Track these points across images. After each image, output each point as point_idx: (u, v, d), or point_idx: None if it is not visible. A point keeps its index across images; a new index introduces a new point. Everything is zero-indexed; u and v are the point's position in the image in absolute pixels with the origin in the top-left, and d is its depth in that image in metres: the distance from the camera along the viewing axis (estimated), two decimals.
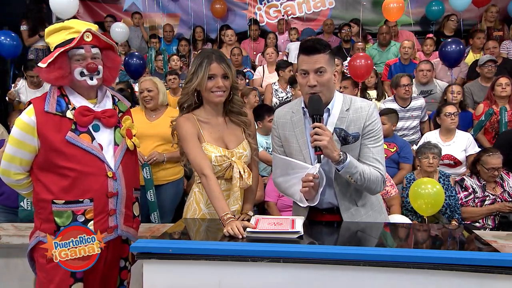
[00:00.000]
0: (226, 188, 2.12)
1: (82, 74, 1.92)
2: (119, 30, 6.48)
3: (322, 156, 1.88)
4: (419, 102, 4.74)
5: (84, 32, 1.89)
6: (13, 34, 5.54)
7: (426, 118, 4.87)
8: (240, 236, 1.73)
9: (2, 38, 5.39)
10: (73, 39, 1.89)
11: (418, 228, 2.27)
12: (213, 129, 2.13)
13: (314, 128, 1.86)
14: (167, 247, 1.61)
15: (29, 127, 1.88)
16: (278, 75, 5.58)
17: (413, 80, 5.27)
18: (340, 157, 1.86)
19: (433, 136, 4.20)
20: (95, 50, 1.95)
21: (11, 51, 5.49)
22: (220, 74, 2.07)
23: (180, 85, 5.40)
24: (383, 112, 4.04)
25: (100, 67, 1.97)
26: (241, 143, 2.16)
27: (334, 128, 1.96)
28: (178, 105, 2.20)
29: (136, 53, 5.80)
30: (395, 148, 4.04)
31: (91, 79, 1.94)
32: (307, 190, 1.92)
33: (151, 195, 3.45)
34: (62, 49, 1.87)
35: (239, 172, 2.08)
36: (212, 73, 2.05)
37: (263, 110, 4.11)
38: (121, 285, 2.10)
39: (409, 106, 4.68)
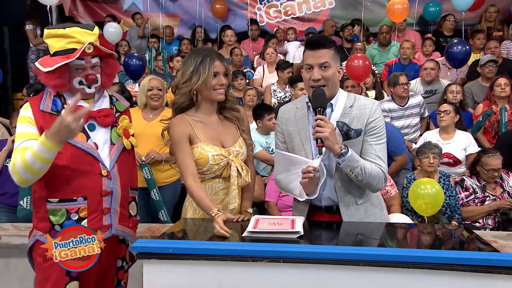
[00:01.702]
0: (224, 187, 2.13)
1: (81, 83, 1.94)
2: (112, 30, 6.47)
3: (323, 148, 1.88)
4: (417, 99, 4.76)
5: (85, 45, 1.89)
6: None
7: (426, 114, 4.90)
8: (227, 235, 1.76)
9: None
10: (73, 49, 1.88)
11: (418, 228, 2.27)
12: (208, 128, 2.13)
13: (316, 120, 1.87)
14: (167, 247, 1.61)
15: (29, 118, 1.90)
16: (278, 75, 5.59)
17: (418, 79, 5.32)
18: (342, 150, 1.87)
19: (432, 135, 4.22)
20: (95, 60, 1.95)
21: None
22: (222, 72, 2.08)
23: None
24: None
25: (99, 76, 1.98)
26: (237, 141, 2.16)
27: (337, 121, 1.97)
28: (173, 105, 2.17)
29: (135, 54, 5.80)
30: None
31: (89, 87, 1.95)
32: (306, 182, 1.92)
33: (155, 194, 3.44)
34: (63, 62, 1.86)
35: (237, 170, 2.08)
36: (216, 70, 2.06)
37: (263, 109, 4.11)
38: (118, 285, 2.10)
39: (407, 104, 4.71)
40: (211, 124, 2.14)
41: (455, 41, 5.20)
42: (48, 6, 5.84)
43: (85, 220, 1.91)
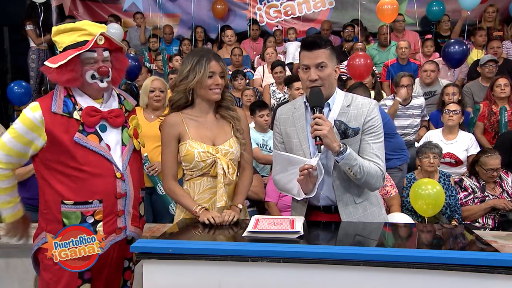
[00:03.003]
0: (212, 186, 2.13)
1: (93, 76, 1.91)
2: (114, 31, 6.45)
3: (322, 146, 1.89)
4: (419, 101, 4.77)
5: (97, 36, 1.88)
6: (23, 83, 5.71)
7: (427, 118, 4.90)
8: (218, 224, 1.94)
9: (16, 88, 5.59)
10: (85, 41, 1.87)
11: (418, 228, 2.27)
12: (201, 126, 2.15)
13: (314, 118, 1.87)
14: (167, 247, 1.61)
15: (32, 123, 1.86)
16: (272, 76, 5.58)
17: (417, 80, 5.31)
18: (340, 148, 1.88)
19: (436, 134, 4.23)
20: (106, 53, 1.94)
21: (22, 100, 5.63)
22: (219, 72, 2.11)
23: None
24: None
25: (110, 70, 1.96)
26: (228, 140, 2.16)
27: (334, 120, 1.98)
28: (170, 103, 2.21)
29: (132, 54, 5.80)
30: None
31: (102, 81, 1.93)
32: (304, 179, 1.92)
33: (160, 189, 3.36)
34: (76, 52, 1.84)
35: (223, 168, 2.09)
36: (212, 70, 2.09)
37: (255, 106, 4.16)
38: (124, 286, 2.10)
39: (409, 105, 4.71)
40: (205, 122, 2.16)
41: (452, 40, 5.20)
42: (38, 3, 5.88)
43: (100, 223, 1.90)
